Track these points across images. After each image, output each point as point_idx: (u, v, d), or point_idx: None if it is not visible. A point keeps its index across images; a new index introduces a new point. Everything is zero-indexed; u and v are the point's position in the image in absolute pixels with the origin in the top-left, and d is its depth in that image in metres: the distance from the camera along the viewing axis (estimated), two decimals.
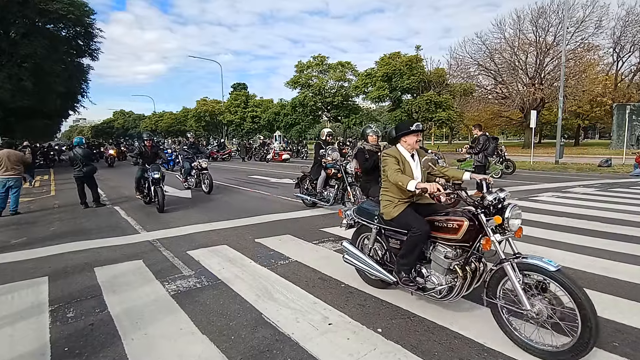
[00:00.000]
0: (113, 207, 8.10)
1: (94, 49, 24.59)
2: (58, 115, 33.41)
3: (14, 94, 18.77)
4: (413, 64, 27.60)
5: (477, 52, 30.20)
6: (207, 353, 2.39)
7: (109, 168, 20.46)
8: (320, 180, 7.05)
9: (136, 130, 78.63)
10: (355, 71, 31.87)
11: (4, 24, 19.46)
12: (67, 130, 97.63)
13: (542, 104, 29.02)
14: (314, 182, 7.24)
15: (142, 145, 8.11)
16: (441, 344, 2.44)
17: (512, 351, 2.31)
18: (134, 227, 6.08)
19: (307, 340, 2.50)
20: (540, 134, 45.10)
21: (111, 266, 4.15)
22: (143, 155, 7.90)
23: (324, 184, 7.06)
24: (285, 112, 35.44)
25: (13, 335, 2.70)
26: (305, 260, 4.15)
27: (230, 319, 2.84)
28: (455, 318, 2.76)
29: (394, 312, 2.90)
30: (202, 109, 52.87)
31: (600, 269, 3.72)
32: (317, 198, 7.09)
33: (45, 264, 4.32)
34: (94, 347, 2.50)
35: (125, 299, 3.26)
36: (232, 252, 4.54)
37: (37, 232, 5.94)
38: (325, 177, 7.02)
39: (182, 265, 4.11)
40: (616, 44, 30.07)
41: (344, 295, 3.24)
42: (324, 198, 6.97)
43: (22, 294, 3.46)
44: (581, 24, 27.01)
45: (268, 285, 3.49)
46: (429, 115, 27.70)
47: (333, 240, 4.97)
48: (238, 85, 48.50)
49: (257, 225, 5.98)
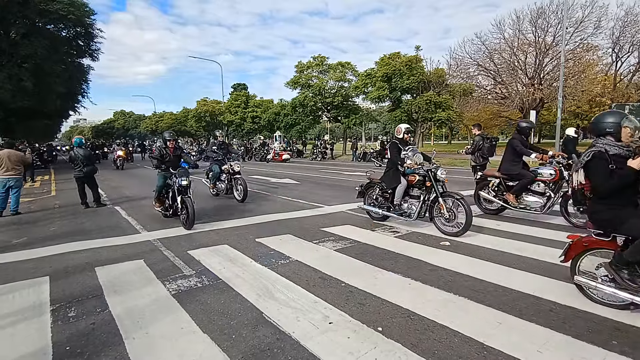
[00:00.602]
0: (114, 207, 8.11)
1: (94, 49, 24.57)
2: (58, 116, 33.42)
3: (15, 94, 18.75)
4: (413, 64, 27.58)
5: (476, 52, 30.21)
6: (208, 352, 2.40)
7: (117, 171, 18.13)
8: (399, 189, 5.60)
9: (137, 131, 78.57)
10: (355, 71, 31.85)
11: (4, 24, 19.45)
12: (68, 130, 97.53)
13: (542, 104, 29.04)
14: (386, 192, 5.88)
15: (162, 147, 6.64)
16: (441, 342, 2.45)
17: (512, 350, 2.32)
18: (134, 227, 6.09)
19: (308, 339, 2.51)
20: (539, 134, 45.11)
21: (112, 266, 4.16)
22: (164, 159, 6.47)
23: (403, 195, 5.66)
24: (286, 113, 35.40)
25: (14, 334, 2.71)
26: (306, 260, 4.16)
27: (231, 318, 2.85)
28: (455, 317, 2.77)
29: (394, 311, 2.91)
30: (202, 109, 52.84)
31: None
32: (393, 211, 5.69)
33: (46, 263, 4.33)
34: (96, 347, 2.51)
35: (127, 298, 3.27)
36: (233, 252, 4.55)
37: (38, 232, 5.95)
38: (405, 186, 5.61)
39: (183, 265, 4.12)
40: (615, 44, 30.06)
41: (344, 294, 3.26)
42: (404, 211, 5.61)
43: (24, 293, 3.47)
44: (580, 24, 27.00)
45: (269, 284, 3.50)
46: (428, 115, 27.69)
47: (333, 240, 4.99)
48: (238, 86, 48.47)
49: (258, 225, 5.99)
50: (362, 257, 4.24)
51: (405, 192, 5.65)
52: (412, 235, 5.19)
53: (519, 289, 3.24)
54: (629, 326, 2.60)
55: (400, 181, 5.59)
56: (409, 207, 5.60)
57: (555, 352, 2.31)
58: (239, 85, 48.65)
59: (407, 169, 5.59)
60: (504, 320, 2.72)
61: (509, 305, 2.96)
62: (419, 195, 5.52)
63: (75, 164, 8.01)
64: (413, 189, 5.62)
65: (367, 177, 6.43)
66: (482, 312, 2.86)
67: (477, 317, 2.77)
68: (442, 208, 5.13)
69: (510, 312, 2.83)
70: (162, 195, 6.62)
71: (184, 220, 5.81)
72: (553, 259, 3.76)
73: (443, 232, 5.13)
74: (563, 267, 3.78)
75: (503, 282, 3.41)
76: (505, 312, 2.83)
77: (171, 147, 6.60)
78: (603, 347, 2.34)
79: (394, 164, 5.69)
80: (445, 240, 4.86)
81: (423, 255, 4.27)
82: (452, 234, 5.02)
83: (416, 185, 5.54)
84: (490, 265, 3.92)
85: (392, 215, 5.73)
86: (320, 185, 11.15)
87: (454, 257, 4.18)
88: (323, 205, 7.68)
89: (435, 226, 5.29)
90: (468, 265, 3.90)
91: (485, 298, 3.10)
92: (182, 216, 5.91)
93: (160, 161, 6.42)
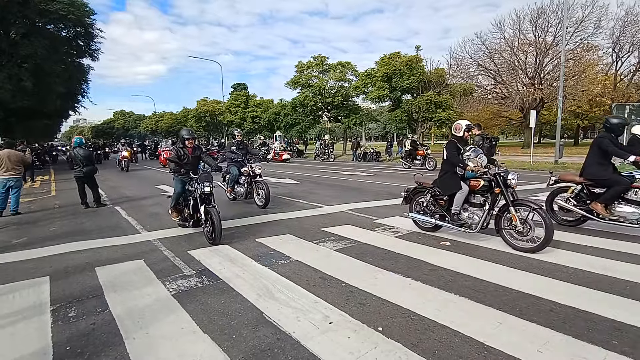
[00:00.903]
0: (114, 207, 8.11)
1: (94, 49, 24.57)
2: (58, 116, 33.43)
3: (14, 94, 18.76)
4: (413, 64, 27.58)
5: (476, 52, 30.25)
6: (209, 352, 2.40)
7: (122, 173, 17.00)
8: (459, 197, 4.79)
9: (136, 131, 78.51)
10: (355, 71, 31.86)
11: (4, 24, 19.45)
12: (67, 130, 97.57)
13: (542, 104, 29.05)
14: (440, 199, 5.08)
15: (180, 147, 5.71)
16: (441, 342, 2.45)
17: (512, 349, 2.32)
18: (134, 227, 6.10)
19: (308, 339, 2.51)
20: (539, 134, 45.15)
21: (112, 266, 4.16)
22: (181, 160, 5.58)
23: (463, 202, 4.83)
24: (286, 112, 35.43)
25: (15, 334, 2.71)
26: (306, 260, 4.16)
27: (232, 318, 2.85)
28: (455, 316, 2.77)
29: (394, 310, 2.91)
30: (202, 109, 52.86)
31: (600, 267, 3.73)
32: (450, 221, 4.89)
33: (46, 263, 4.33)
34: (96, 347, 2.51)
35: (127, 298, 3.27)
36: (233, 252, 4.55)
37: (38, 232, 5.95)
38: (467, 193, 4.79)
39: (183, 265, 4.12)
40: (615, 44, 30.07)
41: (345, 294, 3.26)
42: (463, 222, 4.80)
43: (24, 293, 3.47)
44: (580, 24, 27.02)
45: (269, 284, 3.50)
46: (428, 115, 27.68)
47: (334, 240, 4.99)
48: (238, 86, 48.49)
49: (258, 225, 5.99)
50: (363, 257, 4.24)
51: (465, 199, 4.85)
52: (413, 235, 5.19)
53: (519, 289, 3.24)
54: (629, 326, 2.60)
55: (460, 187, 4.77)
56: (470, 216, 4.77)
57: (556, 352, 2.31)
58: (239, 85, 48.67)
59: (468, 173, 4.80)
60: (504, 320, 2.72)
61: (509, 305, 2.96)
62: (481, 203, 4.74)
63: (75, 164, 8.02)
64: (475, 196, 4.83)
65: (416, 181, 5.61)
66: (483, 312, 2.86)
67: (477, 317, 2.77)
68: (513, 219, 4.36)
69: (511, 312, 2.83)
70: (180, 204, 5.73)
71: (209, 234, 4.97)
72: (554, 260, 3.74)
73: (513, 247, 4.38)
74: (563, 267, 3.79)
75: (503, 282, 3.41)
76: (505, 312, 2.83)
77: (190, 147, 5.66)
78: (603, 347, 2.34)
79: (452, 166, 4.90)
80: (446, 240, 4.86)
81: (423, 255, 4.27)
82: (525, 249, 4.26)
83: (478, 192, 4.76)
84: (490, 265, 3.92)
85: (447, 225, 4.98)
86: (321, 185, 11.15)
87: (454, 257, 4.18)
88: (323, 205, 7.68)
89: (503, 240, 4.54)
90: (468, 265, 3.90)
91: (485, 298, 3.10)
92: (206, 229, 5.02)
93: (178, 164, 5.51)
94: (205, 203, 5.08)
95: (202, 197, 5.09)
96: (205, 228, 5.05)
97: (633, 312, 2.79)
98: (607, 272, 3.62)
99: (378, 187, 10.53)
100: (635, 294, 3.12)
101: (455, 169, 4.89)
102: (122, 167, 17.98)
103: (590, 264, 3.83)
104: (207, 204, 5.06)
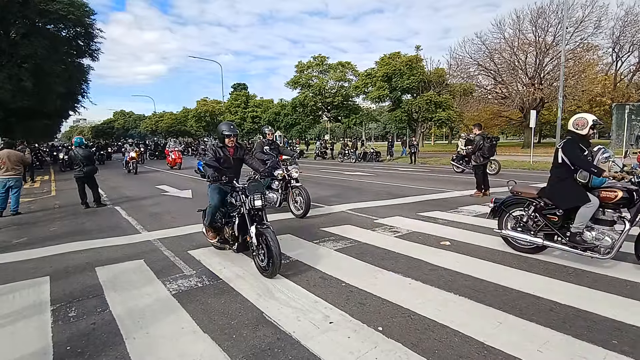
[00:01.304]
0: (114, 207, 8.11)
1: (94, 49, 24.59)
2: (58, 116, 33.45)
3: (14, 94, 18.77)
4: (413, 64, 27.64)
5: (476, 52, 30.28)
6: (209, 352, 2.40)
7: (129, 176, 15.53)
8: (585, 212, 3.69)
9: (136, 131, 78.56)
10: (355, 71, 31.93)
11: (4, 24, 19.46)
12: (68, 130, 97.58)
13: (542, 103, 29.06)
14: (550, 214, 4.05)
15: (218, 146, 4.33)
16: (441, 342, 2.45)
17: (512, 349, 2.33)
18: (134, 227, 6.10)
19: (308, 339, 2.51)
20: (539, 134, 45.13)
21: (112, 266, 4.16)
22: (221, 164, 4.21)
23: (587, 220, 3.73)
24: (286, 112, 35.49)
25: (15, 334, 2.72)
26: (306, 260, 4.16)
27: (232, 318, 2.86)
28: (455, 316, 2.77)
29: (394, 310, 2.92)
30: (202, 109, 52.97)
31: (601, 267, 3.74)
32: (569, 242, 3.84)
33: (47, 263, 4.33)
34: (96, 346, 2.51)
35: (127, 298, 3.27)
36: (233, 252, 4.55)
37: (38, 232, 5.95)
38: (596, 207, 3.68)
39: (183, 265, 4.12)
40: (615, 44, 30.12)
41: (345, 294, 3.26)
42: (588, 244, 3.72)
43: (24, 293, 3.47)
44: (580, 24, 27.04)
45: (269, 284, 3.50)
46: (429, 115, 27.74)
47: (334, 240, 4.99)
48: (238, 86, 48.55)
49: None
50: (363, 257, 4.24)
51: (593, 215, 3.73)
52: (412, 235, 5.19)
53: (519, 289, 3.24)
54: (629, 326, 2.60)
55: (587, 198, 3.67)
56: (599, 237, 3.67)
57: (556, 351, 2.31)
58: (239, 85, 48.74)
59: (595, 180, 3.76)
60: (504, 319, 2.72)
61: (509, 304, 2.96)
62: (612, 220, 3.72)
63: (75, 164, 8.02)
64: (605, 212, 3.75)
65: (510, 190, 4.44)
66: (483, 311, 2.87)
67: (477, 317, 2.77)
68: None
69: (511, 312, 2.83)
70: (218, 221, 4.39)
71: (263, 264, 3.71)
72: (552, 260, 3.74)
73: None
74: (563, 267, 3.80)
75: (503, 281, 3.41)
76: (505, 312, 2.83)
77: (231, 147, 4.31)
78: (603, 346, 2.34)
79: (571, 172, 3.87)
80: (446, 240, 4.86)
81: (423, 255, 4.27)
82: None
83: (609, 206, 3.71)
84: (490, 265, 3.92)
85: (560, 247, 3.93)
86: (321, 185, 11.15)
87: (454, 257, 4.18)
88: (323, 205, 7.68)
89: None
90: (468, 265, 3.90)
91: (485, 298, 3.10)
92: (259, 257, 3.75)
93: (218, 170, 4.11)
94: (256, 222, 3.80)
95: (252, 214, 3.84)
96: (257, 255, 3.78)
97: (633, 312, 2.80)
98: (607, 272, 3.63)
99: (378, 187, 10.54)
100: (635, 294, 3.13)
101: (575, 175, 3.86)
102: (130, 169, 16.25)
103: (589, 264, 3.83)
104: (259, 223, 3.79)
